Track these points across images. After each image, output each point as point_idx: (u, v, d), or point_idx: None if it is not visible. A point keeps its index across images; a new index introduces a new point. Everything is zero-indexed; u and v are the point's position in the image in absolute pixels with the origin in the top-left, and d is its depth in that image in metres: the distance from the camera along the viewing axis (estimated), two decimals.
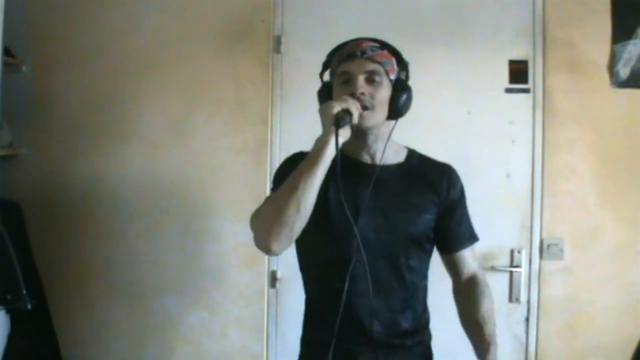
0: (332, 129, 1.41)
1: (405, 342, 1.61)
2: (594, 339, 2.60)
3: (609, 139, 2.61)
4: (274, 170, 1.72)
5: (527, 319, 2.63)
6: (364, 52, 1.52)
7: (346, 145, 1.46)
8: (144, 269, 2.62)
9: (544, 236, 2.62)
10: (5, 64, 2.39)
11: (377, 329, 1.57)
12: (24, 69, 2.60)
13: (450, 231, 1.65)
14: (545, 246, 2.61)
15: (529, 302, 2.62)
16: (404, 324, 1.60)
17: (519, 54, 2.62)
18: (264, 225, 1.45)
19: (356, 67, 1.52)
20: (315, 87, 1.63)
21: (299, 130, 2.53)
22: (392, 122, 1.59)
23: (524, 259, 2.62)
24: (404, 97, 1.55)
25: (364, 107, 1.49)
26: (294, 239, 1.47)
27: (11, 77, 2.49)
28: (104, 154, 2.62)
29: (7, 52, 2.45)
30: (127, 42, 2.61)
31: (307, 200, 1.41)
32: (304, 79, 2.49)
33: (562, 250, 2.61)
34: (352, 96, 1.48)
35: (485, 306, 1.63)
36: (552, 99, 2.61)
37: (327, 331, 1.52)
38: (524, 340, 2.63)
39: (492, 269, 2.58)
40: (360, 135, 1.55)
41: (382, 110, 1.53)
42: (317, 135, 1.46)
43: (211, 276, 2.62)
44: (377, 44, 1.56)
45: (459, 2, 2.62)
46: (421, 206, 1.60)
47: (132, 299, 2.62)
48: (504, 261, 2.63)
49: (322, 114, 1.45)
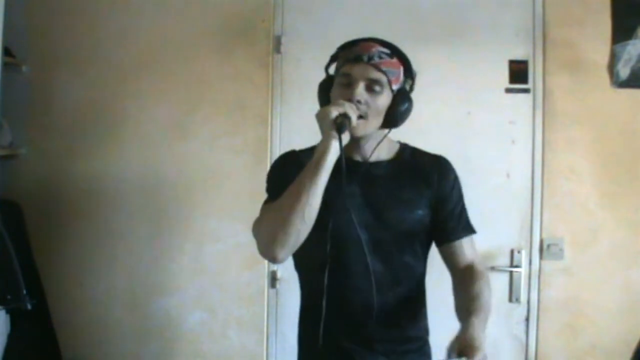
0: (332, 134, 1.40)
1: (402, 338, 1.61)
2: (594, 339, 2.60)
3: (609, 139, 2.61)
4: None
5: (527, 319, 2.63)
6: (371, 58, 1.48)
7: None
8: (144, 269, 2.62)
9: (544, 236, 2.61)
10: (5, 64, 2.39)
11: (373, 326, 1.56)
12: (24, 69, 2.60)
13: (443, 221, 1.61)
14: (545, 246, 2.61)
15: (529, 302, 2.62)
16: (400, 320, 1.60)
17: (519, 54, 2.62)
18: (269, 235, 1.44)
19: (359, 72, 1.48)
20: (315, 88, 1.62)
21: (298, 130, 2.53)
22: (386, 130, 1.56)
23: (524, 259, 2.62)
24: (402, 109, 1.51)
25: (358, 115, 1.46)
26: (299, 246, 1.46)
27: (11, 77, 2.49)
28: (104, 154, 2.62)
29: (7, 52, 2.46)
30: (127, 42, 2.61)
31: (312, 208, 1.40)
32: (304, 79, 2.50)
33: (562, 250, 2.61)
34: (349, 101, 1.45)
35: (479, 285, 1.52)
36: (552, 99, 2.61)
37: (318, 329, 1.52)
38: (524, 340, 2.63)
39: (492, 269, 2.58)
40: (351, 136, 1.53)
41: (377, 119, 1.51)
42: (316, 135, 1.46)
43: (211, 276, 2.62)
44: (387, 50, 1.51)
45: (459, 2, 2.62)
46: (413, 202, 1.58)
47: (132, 299, 2.62)
48: (504, 261, 2.63)
49: (320, 119, 1.43)
